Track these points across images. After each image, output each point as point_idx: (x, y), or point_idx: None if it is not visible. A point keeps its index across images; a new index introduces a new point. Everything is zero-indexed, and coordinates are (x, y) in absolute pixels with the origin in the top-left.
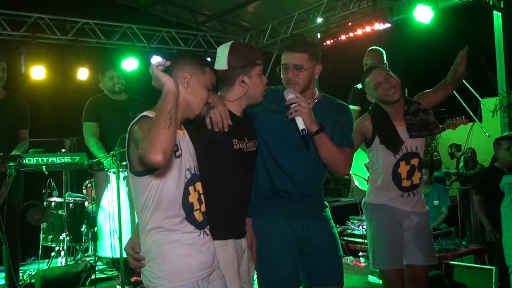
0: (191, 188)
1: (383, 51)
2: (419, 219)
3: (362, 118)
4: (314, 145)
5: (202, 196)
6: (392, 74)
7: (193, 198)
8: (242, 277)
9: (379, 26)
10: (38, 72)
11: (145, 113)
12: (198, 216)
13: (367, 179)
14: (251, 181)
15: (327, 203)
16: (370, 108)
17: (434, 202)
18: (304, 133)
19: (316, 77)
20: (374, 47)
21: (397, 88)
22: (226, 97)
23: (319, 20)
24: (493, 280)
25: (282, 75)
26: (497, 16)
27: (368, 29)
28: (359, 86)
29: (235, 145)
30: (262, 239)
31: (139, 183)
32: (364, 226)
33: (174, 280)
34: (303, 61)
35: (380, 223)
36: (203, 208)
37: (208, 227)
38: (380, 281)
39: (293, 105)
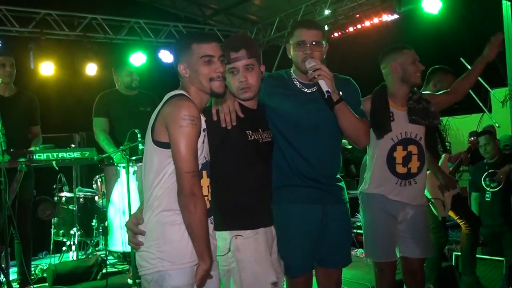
0: (204, 173)
1: None
2: (414, 212)
3: (365, 98)
4: (327, 125)
5: (210, 185)
6: None
7: (204, 182)
8: (274, 265)
9: (387, 18)
10: (47, 68)
11: (182, 92)
12: (206, 202)
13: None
14: (270, 171)
15: (343, 184)
16: (374, 90)
17: None
18: (329, 94)
19: (324, 57)
20: (444, 67)
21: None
22: None
23: (327, 12)
24: (504, 272)
25: (296, 52)
26: (506, 6)
27: (376, 20)
28: None
29: (249, 137)
30: (280, 227)
31: (159, 154)
32: None
33: (176, 263)
34: (320, 38)
35: (374, 215)
36: (210, 197)
37: (212, 217)
38: None
39: (316, 70)
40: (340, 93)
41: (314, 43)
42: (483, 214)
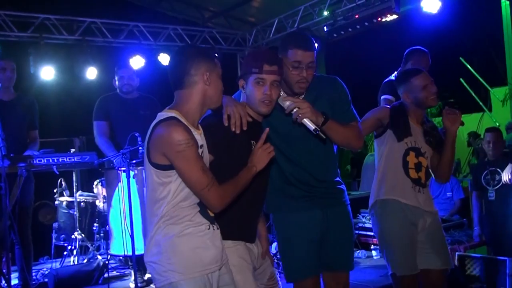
0: None
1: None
2: (432, 220)
3: (384, 107)
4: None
5: None
6: None
7: None
8: (256, 277)
9: (386, 18)
10: (46, 73)
11: (174, 114)
12: (210, 212)
13: None
14: (265, 187)
15: (344, 187)
16: (392, 105)
17: (447, 193)
18: (317, 132)
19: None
20: (421, 48)
21: (437, 96)
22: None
23: (326, 13)
24: (507, 271)
25: (292, 72)
26: (505, 5)
27: (375, 21)
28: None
29: (253, 146)
30: (283, 234)
31: (158, 175)
32: None
33: (186, 273)
34: (314, 58)
35: (395, 223)
36: None
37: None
38: None
39: (294, 111)
40: (324, 115)
41: (310, 65)
42: (486, 213)
